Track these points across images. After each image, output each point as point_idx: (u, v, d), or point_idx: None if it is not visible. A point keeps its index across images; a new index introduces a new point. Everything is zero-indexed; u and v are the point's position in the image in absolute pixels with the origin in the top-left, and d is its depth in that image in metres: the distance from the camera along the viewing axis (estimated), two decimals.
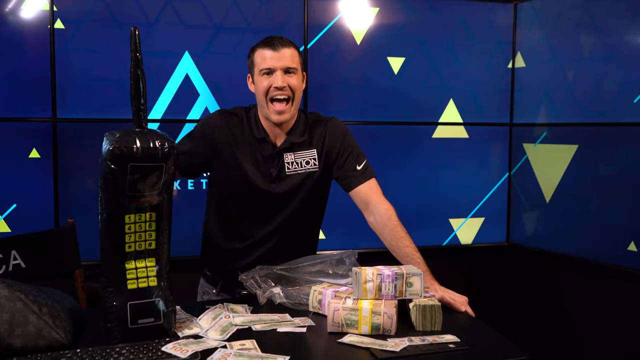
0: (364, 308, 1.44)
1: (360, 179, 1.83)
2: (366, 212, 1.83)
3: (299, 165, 1.84)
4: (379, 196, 1.82)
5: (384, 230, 1.77)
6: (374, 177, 1.86)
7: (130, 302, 1.35)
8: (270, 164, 1.83)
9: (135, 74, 1.34)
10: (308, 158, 1.84)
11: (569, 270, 3.07)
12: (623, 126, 2.77)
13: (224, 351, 1.30)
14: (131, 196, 1.33)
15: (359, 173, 1.84)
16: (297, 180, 1.84)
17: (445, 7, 3.15)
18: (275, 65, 1.76)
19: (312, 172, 1.85)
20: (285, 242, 1.88)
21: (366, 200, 1.82)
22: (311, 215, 1.93)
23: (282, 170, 1.83)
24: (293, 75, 1.78)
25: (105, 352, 1.28)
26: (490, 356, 1.37)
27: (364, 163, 1.86)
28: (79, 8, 2.64)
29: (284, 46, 1.77)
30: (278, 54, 1.76)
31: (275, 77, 1.76)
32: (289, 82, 1.77)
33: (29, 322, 1.28)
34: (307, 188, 1.85)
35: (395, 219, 1.77)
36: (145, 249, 1.38)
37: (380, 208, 1.79)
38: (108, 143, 1.29)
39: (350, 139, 1.89)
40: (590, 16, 2.91)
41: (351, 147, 1.87)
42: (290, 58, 1.78)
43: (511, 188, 3.36)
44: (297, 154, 1.84)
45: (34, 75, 2.62)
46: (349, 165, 1.85)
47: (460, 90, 3.22)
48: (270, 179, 1.83)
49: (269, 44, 1.77)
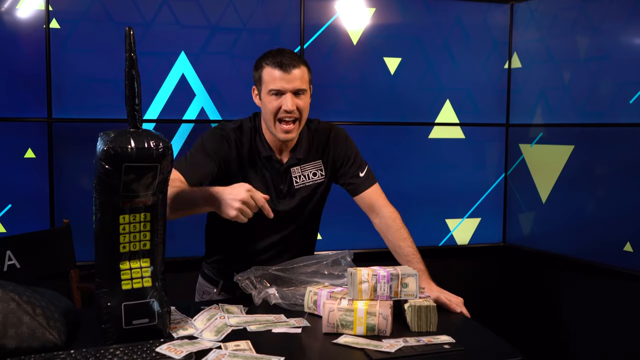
0: (359, 309, 1.43)
1: (365, 185, 1.90)
2: (372, 214, 1.90)
3: (306, 177, 1.86)
4: (384, 200, 1.90)
5: (388, 231, 1.84)
6: (377, 182, 1.93)
7: (124, 303, 1.35)
8: (279, 181, 1.84)
9: (130, 74, 1.34)
10: (315, 170, 1.87)
11: (565, 271, 3.08)
12: (619, 127, 2.78)
13: (218, 352, 1.30)
14: (126, 196, 1.32)
15: (363, 179, 1.90)
16: (306, 192, 1.86)
17: (442, 7, 3.16)
18: (285, 88, 1.71)
19: (320, 183, 1.89)
20: (288, 249, 1.89)
21: (371, 204, 1.89)
22: (314, 220, 1.97)
23: (291, 186, 1.85)
24: (302, 96, 1.75)
25: (100, 352, 1.28)
26: (485, 357, 1.37)
27: (366, 169, 1.92)
28: (75, 8, 2.63)
29: (295, 67, 1.72)
30: (289, 76, 1.71)
31: (284, 99, 1.72)
32: (298, 104, 1.74)
33: (22, 322, 1.28)
34: (316, 198, 1.90)
35: (399, 221, 1.85)
36: (140, 249, 1.38)
37: (386, 210, 1.87)
38: (102, 143, 1.28)
39: (352, 146, 1.93)
40: (586, 17, 2.92)
41: (354, 155, 1.92)
42: (300, 79, 1.73)
43: (507, 188, 3.36)
44: (303, 167, 1.86)
45: (29, 75, 2.61)
46: (353, 173, 1.90)
47: (457, 91, 3.22)
48: (281, 196, 1.84)
49: (279, 64, 1.71)
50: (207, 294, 1.99)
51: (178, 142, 2.80)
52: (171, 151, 1.35)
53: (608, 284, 2.86)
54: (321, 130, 1.91)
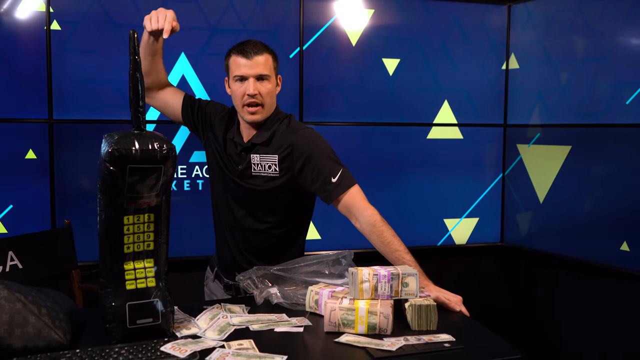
0: (360, 308, 1.45)
1: (337, 191, 1.81)
2: (351, 219, 1.83)
3: (262, 167, 1.89)
4: (361, 202, 1.80)
5: (371, 237, 1.78)
6: (355, 184, 1.82)
7: (129, 303, 1.36)
8: (238, 161, 1.92)
9: (134, 76, 1.36)
10: (270, 163, 1.88)
11: (562, 270, 3.10)
12: (616, 127, 2.80)
13: (222, 351, 1.31)
14: (130, 197, 1.34)
15: (335, 185, 1.81)
16: (260, 182, 1.90)
17: (440, 8, 3.17)
18: (248, 73, 1.83)
19: (274, 177, 1.88)
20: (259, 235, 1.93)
21: (348, 208, 1.82)
22: (282, 215, 1.93)
23: (248, 169, 1.90)
24: (265, 82, 1.85)
25: (104, 352, 1.29)
26: (485, 355, 1.39)
27: (339, 173, 1.82)
28: (75, 9, 2.64)
29: (257, 54, 1.83)
30: (250, 62, 1.83)
31: (247, 84, 1.83)
32: (260, 90, 1.84)
33: (28, 322, 1.29)
34: (270, 189, 1.88)
35: (380, 225, 1.76)
36: (144, 249, 1.40)
37: (364, 215, 1.78)
38: (107, 145, 1.30)
39: (320, 151, 1.85)
40: (583, 18, 2.94)
41: (322, 160, 1.83)
42: (263, 65, 1.84)
43: (505, 188, 3.38)
44: (262, 157, 1.89)
45: (30, 77, 2.62)
46: (323, 179, 1.82)
47: (455, 92, 3.24)
48: (235, 174, 1.92)
49: (242, 51, 1.84)
50: (207, 279, 2.13)
51: (178, 143, 2.82)
52: (174, 153, 1.37)
53: (605, 284, 2.88)
54: (292, 129, 1.90)
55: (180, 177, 2.84)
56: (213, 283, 2.09)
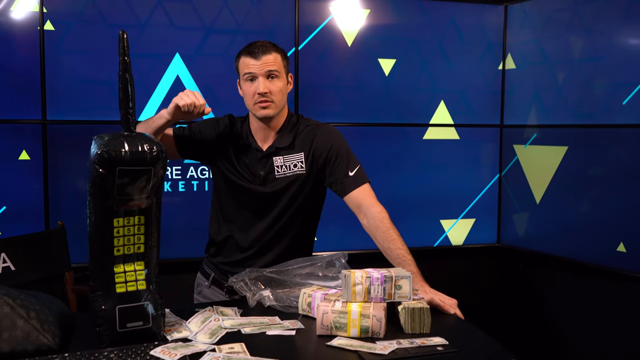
0: (352, 311, 1.44)
1: (353, 184, 1.87)
2: (359, 215, 1.87)
3: (287, 168, 1.90)
4: (372, 199, 1.85)
5: (376, 233, 1.81)
6: (368, 182, 1.89)
7: (119, 306, 1.35)
8: (258, 167, 1.90)
9: (124, 77, 1.34)
10: (296, 161, 1.90)
11: (559, 271, 3.09)
12: (612, 128, 2.79)
13: (212, 355, 1.30)
14: (120, 200, 1.32)
15: (352, 178, 1.87)
16: (286, 182, 1.90)
17: (436, 8, 3.16)
18: (257, 72, 1.83)
19: (300, 174, 1.90)
20: (278, 241, 1.93)
21: (359, 204, 1.86)
22: (302, 216, 1.96)
23: (271, 173, 1.89)
24: (274, 80, 1.85)
25: (94, 356, 1.28)
26: (478, 358, 1.38)
27: (356, 169, 1.89)
28: (69, 9, 2.63)
29: (265, 53, 1.83)
30: (259, 61, 1.83)
31: (257, 83, 1.83)
32: (270, 88, 1.84)
33: (16, 326, 1.28)
34: (295, 188, 1.91)
35: (387, 222, 1.80)
36: (134, 252, 1.38)
37: (373, 211, 1.82)
38: (96, 147, 1.29)
39: (341, 145, 1.92)
40: (579, 18, 2.93)
41: (343, 154, 1.90)
42: (272, 63, 1.84)
43: (502, 189, 3.37)
44: (285, 158, 1.90)
45: (23, 77, 2.61)
46: (341, 171, 1.88)
47: (451, 92, 3.23)
48: (258, 182, 1.90)
49: (250, 52, 1.84)
50: (200, 286, 2.06)
51: None
52: (165, 155, 1.35)
53: (601, 284, 2.88)
54: (311, 125, 1.95)
55: (174, 179, 2.82)
56: (209, 290, 2.03)
